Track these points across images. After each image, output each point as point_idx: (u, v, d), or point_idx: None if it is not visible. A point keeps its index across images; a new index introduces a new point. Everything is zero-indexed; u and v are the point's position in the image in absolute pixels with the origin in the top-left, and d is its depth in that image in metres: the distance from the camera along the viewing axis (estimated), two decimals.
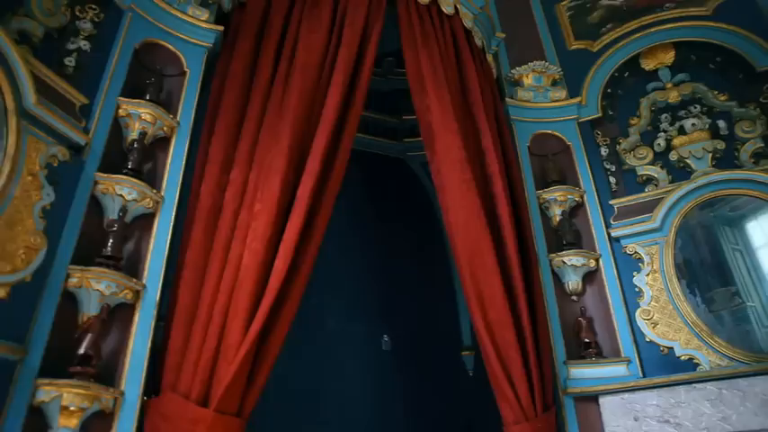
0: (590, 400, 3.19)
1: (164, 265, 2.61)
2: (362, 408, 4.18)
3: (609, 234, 3.66)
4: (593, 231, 3.68)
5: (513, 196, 3.49)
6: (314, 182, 2.83)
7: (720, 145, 3.74)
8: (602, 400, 3.16)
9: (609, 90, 4.31)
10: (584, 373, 3.23)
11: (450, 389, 4.50)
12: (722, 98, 3.96)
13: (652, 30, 4.33)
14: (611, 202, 3.80)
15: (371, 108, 5.50)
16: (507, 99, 4.26)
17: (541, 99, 4.28)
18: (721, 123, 3.83)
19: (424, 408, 4.34)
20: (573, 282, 3.54)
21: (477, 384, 3.93)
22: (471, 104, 3.73)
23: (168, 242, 2.70)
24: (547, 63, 4.39)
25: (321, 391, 4.06)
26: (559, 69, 4.40)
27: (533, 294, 3.25)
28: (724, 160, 3.72)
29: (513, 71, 4.44)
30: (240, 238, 2.71)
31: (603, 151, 4.09)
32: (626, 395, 3.14)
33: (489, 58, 4.45)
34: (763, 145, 3.68)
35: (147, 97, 2.87)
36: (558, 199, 3.77)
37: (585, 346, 3.34)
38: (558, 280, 3.59)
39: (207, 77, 3.23)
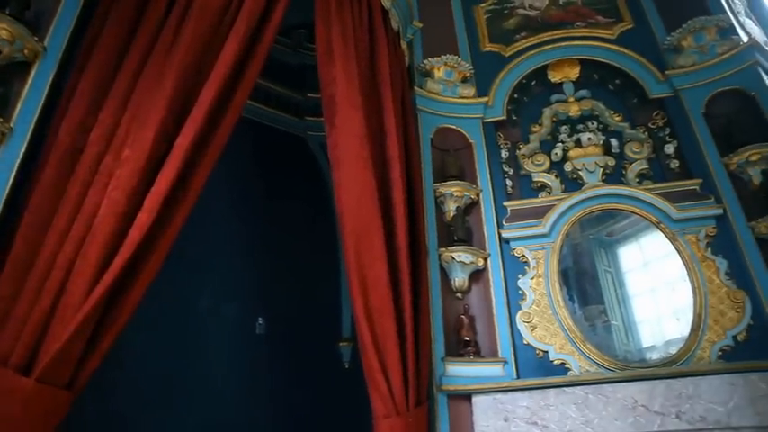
0: (463, 398, 3.33)
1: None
2: (229, 393, 4.05)
3: (500, 235, 3.89)
4: (485, 230, 3.89)
5: (409, 184, 3.59)
6: (195, 134, 2.70)
7: (611, 162, 4.15)
8: (475, 399, 3.32)
9: (515, 95, 4.60)
10: (460, 371, 3.38)
11: (324, 379, 4.48)
12: (617, 118, 4.40)
13: (562, 44, 4.71)
14: (505, 204, 4.04)
15: (276, 80, 5.47)
16: (416, 88, 4.40)
17: (450, 94, 4.48)
18: (614, 142, 4.24)
19: (294, 397, 4.28)
20: (459, 279, 3.71)
21: (351, 377, 3.97)
22: (379, 84, 3.81)
23: (10, 183, 2.45)
24: (459, 59, 4.61)
25: (185, 373, 3.88)
26: (471, 67, 4.64)
27: (419, 286, 3.35)
28: (613, 176, 4.12)
29: (425, 61, 4.60)
30: (100, 184, 2.51)
31: (504, 154, 4.36)
32: (499, 395, 3.33)
33: (404, 44, 4.59)
34: (647, 167, 4.13)
35: (8, 11, 2.60)
36: (454, 194, 3.95)
37: (465, 345, 3.50)
38: (445, 275, 3.74)
39: (92, 3, 3.01)
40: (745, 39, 4.28)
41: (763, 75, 4.08)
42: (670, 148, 4.15)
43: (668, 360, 3.38)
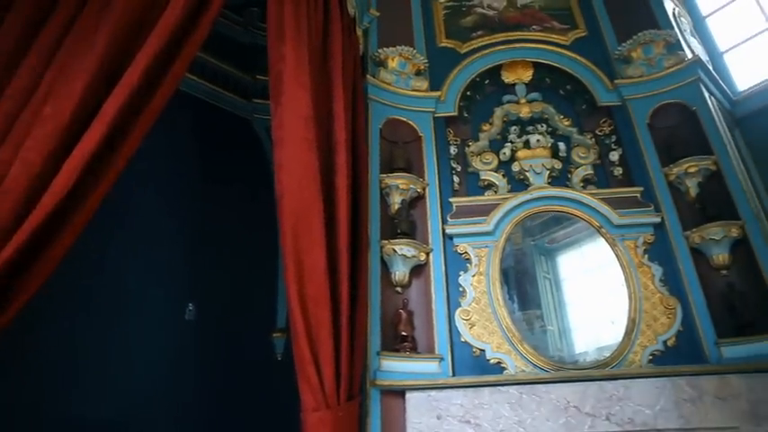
0: (397, 394, 3.28)
1: None
2: (152, 381, 3.85)
3: (444, 230, 3.87)
4: (429, 225, 3.86)
5: (355, 172, 3.53)
6: (127, 97, 2.53)
7: (558, 165, 4.22)
8: (409, 396, 3.28)
9: (468, 93, 4.62)
10: (395, 367, 3.33)
11: (255, 371, 4.34)
12: (566, 123, 4.50)
13: (517, 45, 4.77)
14: (450, 200, 4.04)
15: (225, 59, 5.31)
16: (369, 77, 4.34)
17: (402, 85, 4.45)
18: (561, 145, 4.32)
19: (222, 388, 4.12)
20: (400, 272, 3.67)
21: (284, 370, 3.84)
22: (330, 68, 3.73)
23: None
24: (415, 51, 4.58)
25: (106, 357, 3.67)
26: (425, 61, 4.62)
27: (358, 277, 3.29)
28: (558, 179, 4.19)
29: (380, 50, 4.55)
30: (13, 143, 2.31)
31: (453, 150, 4.36)
32: (433, 393, 3.30)
33: (359, 31, 4.54)
34: (592, 172, 4.23)
35: None
36: (400, 186, 3.91)
37: (402, 340, 3.46)
38: (385, 268, 3.69)
39: None
40: (689, 55, 4.45)
41: (705, 91, 4.26)
42: (615, 156, 4.26)
43: (602, 363, 3.44)
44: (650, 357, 3.47)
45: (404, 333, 3.45)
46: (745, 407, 3.14)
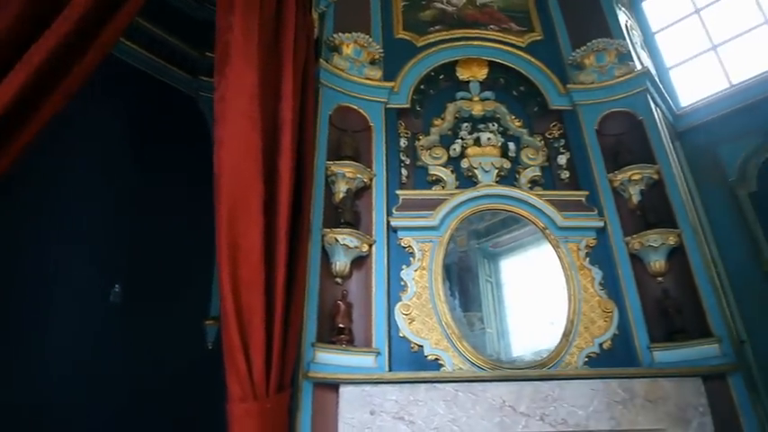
0: (330, 387, 3.18)
1: None
2: (72, 365, 3.59)
3: (388, 222, 3.80)
4: (374, 216, 3.78)
5: (300, 155, 3.41)
6: (54, 47, 2.35)
7: (506, 164, 4.23)
8: (343, 390, 3.18)
9: (422, 86, 4.57)
10: (330, 359, 3.23)
11: (184, 359, 4.13)
12: (517, 124, 4.53)
13: (474, 43, 4.77)
14: (397, 192, 3.97)
15: (174, 33, 5.09)
16: (322, 61, 4.23)
17: (356, 73, 4.36)
18: (511, 146, 4.34)
19: (147, 375, 3.89)
20: (341, 263, 3.57)
21: (214, 360, 3.68)
22: (281, 47, 3.59)
23: None
24: (371, 39, 4.50)
25: (21, 338, 3.41)
26: (381, 50, 4.54)
27: (296, 265, 3.16)
28: (506, 179, 4.20)
29: (335, 35, 4.44)
30: None
31: (402, 142, 4.31)
32: (368, 387, 3.21)
33: (315, 14, 4.44)
34: (540, 174, 4.27)
35: None
36: (346, 175, 3.81)
37: (338, 332, 3.36)
38: (326, 258, 3.58)
39: None
40: (639, 66, 4.58)
41: (651, 103, 4.38)
42: (562, 159, 4.32)
43: (539, 363, 3.45)
44: (586, 359, 3.51)
45: (341, 325, 3.36)
46: (673, 410, 3.21)
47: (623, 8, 5.26)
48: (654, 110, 4.36)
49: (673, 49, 5.58)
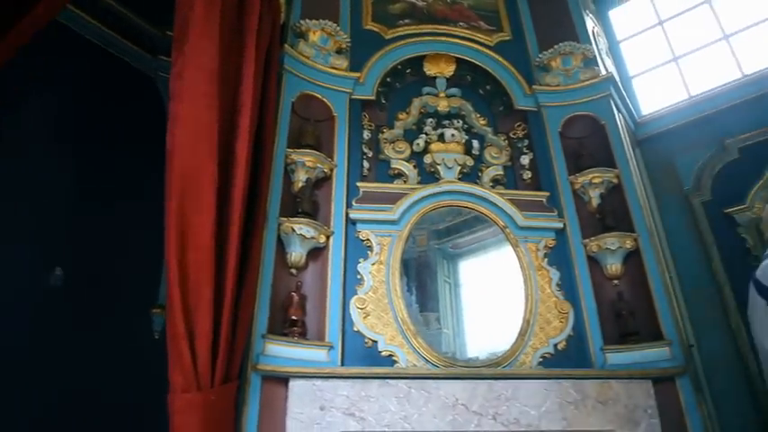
0: (280, 381, 3.07)
1: None
2: (7, 351, 3.39)
3: (347, 214, 3.72)
4: (333, 208, 3.69)
5: (259, 140, 3.31)
6: None
7: (470, 162, 4.21)
8: (293, 384, 3.08)
9: (388, 79, 4.51)
10: (281, 352, 3.12)
11: (127, 349, 3.96)
12: (482, 122, 4.51)
13: (442, 39, 4.74)
14: (358, 184, 3.89)
15: (134, 9, 4.89)
16: (287, 47, 4.11)
17: (321, 61, 4.26)
18: (475, 143, 4.32)
19: (89, 364, 3.71)
20: (297, 253, 3.47)
21: (160, 350, 3.53)
22: (244, 29, 3.45)
23: None
24: (338, 28, 4.41)
25: None
26: (348, 40, 4.46)
27: (250, 252, 3.05)
28: (469, 176, 4.18)
29: (302, 21, 4.33)
30: None
31: (366, 134, 4.23)
32: (318, 382, 3.12)
33: None
34: (502, 173, 4.26)
35: None
36: (306, 164, 3.71)
37: (291, 324, 3.26)
38: (281, 247, 3.47)
39: None
40: (604, 72, 4.63)
41: (614, 108, 4.43)
42: (525, 160, 4.32)
43: (493, 362, 3.43)
44: (540, 359, 3.51)
45: (294, 317, 3.26)
46: (622, 411, 3.23)
47: (591, 15, 5.33)
48: (616, 115, 4.41)
49: (636, 58, 5.67)
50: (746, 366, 3.85)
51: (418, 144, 4.21)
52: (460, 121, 4.40)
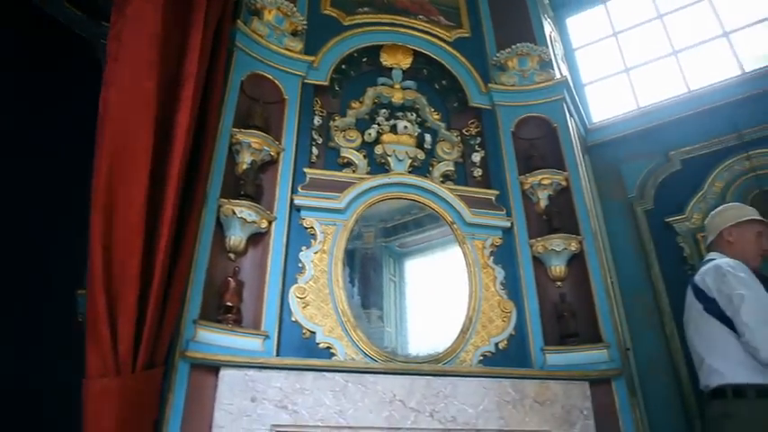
0: (210, 369, 2.90)
1: None
2: None
3: (292, 200, 3.57)
4: (277, 193, 3.54)
5: (202, 115, 3.15)
6: None
7: (421, 155, 4.14)
8: (224, 373, 2.92)
9: (343, 66, 4.39)
10: (213, 339, 2.95)
11: (49, 332, 3.70)
12: (435, 116, 4.46)
13: (401, 30, 4.65)
14: (305, 170, 3.76)
15: None
16: (239, 23, 3.93)
17: (275, 41, 4.10)
18: (428, 137, 4.26)
19: (4, 348, 3.45)
20: (236, 237, 3.30)
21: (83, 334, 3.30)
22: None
23: None
24: (295, 9, 4.26)
25: None
26: (305, 22, 4.31)
27: (185, 232, 2.88)
28: (419, 170, 4.10)
29: None
30: None
31: (317, 121, 4.10)
32: (251, 372, 2.97)
33: None
34: (453, 169, 4.21)
35: None
36: (252, 145, 3.55)
37: (226, 311, 3.09)
38: (220, 231, 3.30)
39: None
40: (558, 75, 4.67)
41: (567, 112, 4.47)
42: (477, 157, 4.30)
43: (433, 358, 3.37)
44: (481, 358, 3.48)
45: (229, 304, 3.10)
46: (559, 412, 3.23)
47: (549, 20, 5.39)
48: (568, 119, 4.46)
49: (589, 66, 5.77)
50: (677, 370, 3.95)
51: (370, 134, 4.12)
52: (414, 114, 4.33)
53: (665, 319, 4.14)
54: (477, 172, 4.25)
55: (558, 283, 3.83)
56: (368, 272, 3.80)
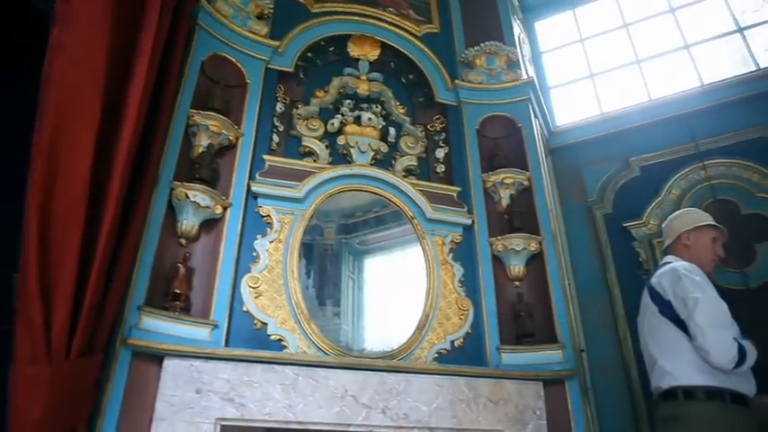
0: (153, 359, 2.76)
1: None
2: None
3: (249, 187, 3.45)
4: (234, 178, 3.40)
5: (157, 92, 2.99)
6: None
7: (384, 148, 4.07)
8: (168, 363, 2.78)
9: (309, 54, 4.29)
10: (158, 327, 2.80)
11: None
12: (401, 110, 4.39)
13: (370, 20, 4.57)
14: (264, 157, 3.64)
15: None
16: (202, 1, 3.78)
17: (239, 23, 3.96)
18: (392, 131, 4.18)
19: None
20: (189, 222, 3.16)
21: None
22: None
23: None
24: None
25: None
26: (271, 5, 4.19)
27: (133, 213, 2.73)
28: (382, 163, 4.02)
29: None
30: None
31: (279, 107, 3.98)
32: (198, 362, 2.84)
33: None
34: (416, 164, 4.15)
35: None
36: (210, 128, 3.41)
37: (174, 298, 2.95)
38: (172, 214, 3.15)
39: None
40: (525, 76, 4.67)
41: (532, 113, 4.47)
42: (440, 153, 4.26)
43: (388, 354, 3.30)
44: (436, 355, 3.43)
45: (177, 290, 2.96)
46: (512, 411, 3.21)
47: (518, 21, 5.39)
48: (533, 120, 4.46)
49: (555, 70, 5.80)
50: (628, 372, 3.99)
51: (333, 124, 4.02)
52: (379, 107, 4.26)
53: (619, 322, 4.18)
54: (440, 168, 4.21)
55: (517, 283, 3.82)
56: (326, 267, 3.71)
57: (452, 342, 3.52)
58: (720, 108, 4.60)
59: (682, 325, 2.63)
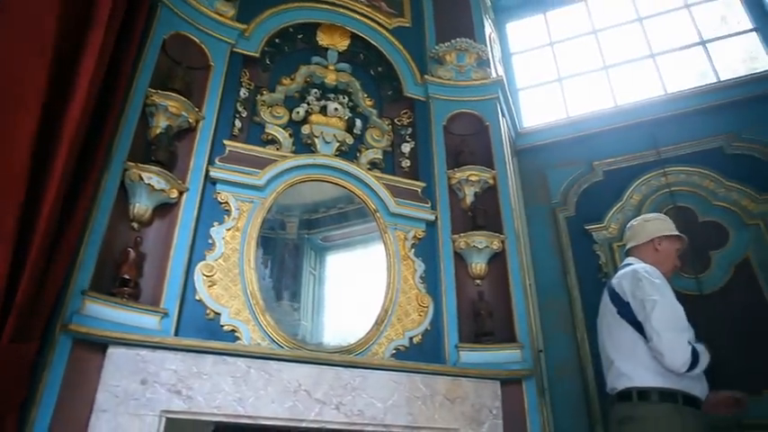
0: (96, 347, 2.61)
1: None
2: None
3: (207, 172, 3.32)
4: (192, 162, 3.28)
5: (113, 68, 2.84)
6: None
7: (349, 140, 3.98)
8: (112, 351, 2.64)
9: (277, 40, 4.17)
10: (102, 313, 2.65)
11: None
12: (368, 103, 4.31)
13: (341, 10, 4.48)
14: (225, 142, 3.53)
15: None
16: None
17: (205, 3, 3.80)
18: (358, 123, 4.10)
19: None
20: (142, 206, 3.02)
21: None
22: None
23: None
24: None
25: None
26: None
27: (80, 192, 2.58)
28: (346, 155, 3.93)
29: None
30: None
31: (243, 93, 3.85)
32: (144, 352, 2.71)
33: None
34: (381, 157, 4.08)
35: None
36: (169, 109, 3.27)
37: (122, 283, 2.81)
38: (124, 196, 3.00)
39: None
40: (494, 75, 4.65)
41: (499, 112, 4.45)
42: (406, 147, 4.21)
43: (344, 349, 3.23)
44: (394, 351, 3.37)
45: (126, 276, 2.82)
46: (468, 410, 3.18)
47: (490, 21, 5.38)
48: (500, 120, 4.44)
49: (524, 72, 5.82)
50: (585, 374, 4.00)
51: (298, 113, 3.92)
52: (346, 98, 4.18)
53: (577, 324, 4.20)
54: (406, 162, 4.16)
55: (478, 281, 3.79)
56: (287, 261, 3.61)
57: (411, 338, 3.46)
58: (682, 117, 4.68)
59: (639, 327, 2.63)
